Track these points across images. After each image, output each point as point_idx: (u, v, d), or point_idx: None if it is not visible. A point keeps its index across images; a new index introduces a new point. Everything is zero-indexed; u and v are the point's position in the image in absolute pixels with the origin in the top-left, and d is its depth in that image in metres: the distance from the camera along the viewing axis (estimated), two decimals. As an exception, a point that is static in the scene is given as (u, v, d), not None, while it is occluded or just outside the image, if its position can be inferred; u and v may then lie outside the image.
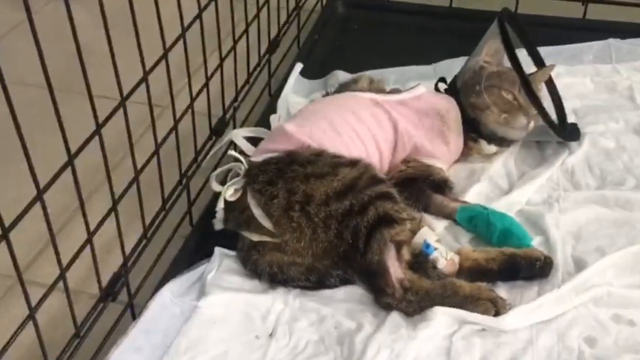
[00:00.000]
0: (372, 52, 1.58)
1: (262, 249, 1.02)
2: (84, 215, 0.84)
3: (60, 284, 0.82)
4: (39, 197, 0.72)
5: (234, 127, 1.29)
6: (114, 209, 0.89)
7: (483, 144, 1.23)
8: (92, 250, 0.86)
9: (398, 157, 1.17)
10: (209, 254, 1.05)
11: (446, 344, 0.91)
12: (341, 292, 0.99)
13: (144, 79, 0.90)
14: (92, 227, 0.86)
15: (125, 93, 0.87)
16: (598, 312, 0.95)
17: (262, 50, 1.42)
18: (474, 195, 1.16)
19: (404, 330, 0.91)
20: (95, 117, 0.80)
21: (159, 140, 1.01)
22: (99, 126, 0.81)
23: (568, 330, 0.92)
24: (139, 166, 0.96)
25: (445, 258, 1.00)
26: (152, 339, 0.93)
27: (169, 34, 0.99)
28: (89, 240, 0.85)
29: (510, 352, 0.90)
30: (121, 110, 0.86)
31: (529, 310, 0.93)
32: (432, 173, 1.16)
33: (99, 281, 0.90)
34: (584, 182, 1.18)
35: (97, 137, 0.82)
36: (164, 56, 0.95)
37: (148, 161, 0.98)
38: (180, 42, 1.01)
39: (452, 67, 1.33)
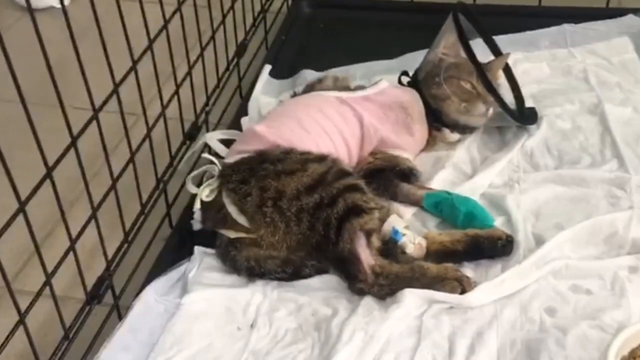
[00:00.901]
0: (338, 50, 1.64)
1: (239, 245, 1.07)
2: (65, 224, 0.88)
3: (48, 290, 0.86)
4: (22, 209, 0.77)
5: (207, 131, 1.33)
6: (93, 216, 0.94)
7: (446, 132, 1.29)
8: (75, 256, 0.90)
9: (365, 150, 1.22)
10: (189, 254, 1.10)
11: (417, 323, 0.96)
12: (317, 281, 1.04)
13: (115, 91, 0.94)
14: (74, 235, 0.91)
15: (99, 103, 0.91)
16: (557, 283, 1.01)
17: (231, 54, 1.47)
18: (439, 182, 1.22)
19: (377, 312, 0.97)
20: (69, 129, 0.85)
21: (134, 147, 1.06)
22: (74, 139, 0.85)
23: (530, 302, 0.98)
24: (116, 174, 1.00)
25: (413, 243, 1.06)
26: (139, 337, 0.97)
27: (139, 44, 1.03)
28: (71, 248, 0.90)
29: (476, 326, 0.95)
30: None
31: (493, 286, 0.99)
32: (399, 163, 1.22)
33: (84, 285, 0.94)
34: (542, 163, 1.24)
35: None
36: (132, 68, 0.99)
37: (124, 169, 1.03)
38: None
39: (415, 59, 1.38)
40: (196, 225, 1.13)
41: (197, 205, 1.10)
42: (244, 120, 1.38)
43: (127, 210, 1.06)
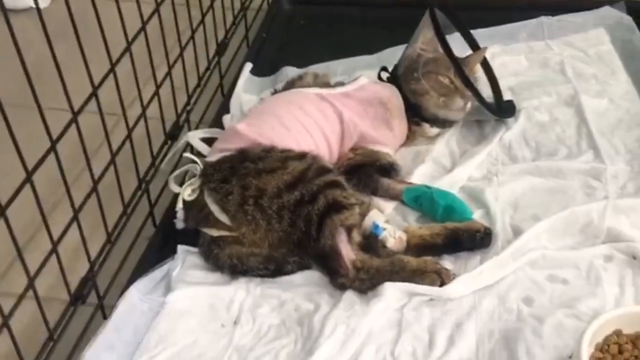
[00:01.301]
0: (319, 46, 1.65)
1: (221, 243, 1.08)
2: (47, 227, 0.89)
3: (31, 292, 0.87)
4: (2, 213, 0.77)
5: (189, 130, 1.34)
6: (75, 218, 0.94)
7: (426, 127, 1.30)
8: (58, 258, 0.91)
9: (346, 146, 1.24)
10: (172, 252, 1.11)
11: (397, 315, 0.98)
12: (299, 277, 1.06)
13: (93, 94, 0.95)
14: (57, 237, 0.92)
15: (80, 103, 0.92)
16: (534, 274, 1.03)
17: (212, 53, 1.48)
18: (419, 176, 1.23)
19: (358, 306, 0.98)
20: (49, 133, 0.86)
21: (115, 148, 1.06)
22: (53, 143, 0.86)
23: (507, 293, 1.00)
24: (98, 175, 1.01)
25: (393, 237, 1.07)
26: (124, 336, 0.98)
27: (121, 42, 1.04)
28: (54, 250, 0.91)
29: (455, 317, 0.97)
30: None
31: (471, 278, 1.01)
32: (379, 158, 1.23)
33: (67, 287, 0.95)
34: (520, 155, 1.26)
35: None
36: (111, 71, 1.00)
37: (105, 170, 1.03)
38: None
39: (394, 55, 1.40)
40: (179, 224, 1.14)
41: (180, 204, 1.11)
42: (226, 118, 1.39)
43: (110, 212, 1.07)
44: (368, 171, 1.21)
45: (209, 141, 1.26)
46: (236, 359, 0.95)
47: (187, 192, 1.11)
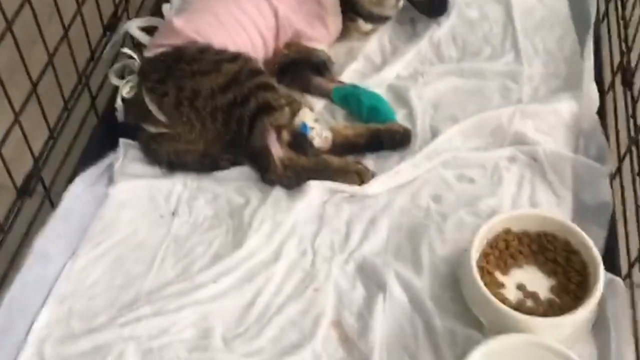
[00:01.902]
0: None
1: (160, 139, 1.15)
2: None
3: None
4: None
5: (129, 20, 1.36)
6: (17, 120, 1.00)
7: (360, 22, 1.34)
8: (1, 157, 0.98)
9: (281, 42, 1.28)
10: (115, 145, 1.18)
11: (319, 210, 1.09)
12: (232, 172, 1.15)
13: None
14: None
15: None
16: (445, 173, 1.13)
17: None
18: (350, 73, 1.30)
19: (284, 203, 1.09)
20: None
21: (52, 47, 1.10)
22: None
23: (419, 191, 1.11)
24: (36, 77, 1.05)
25: (320, 137, 1.16)
26: (70, 225, 1.08)
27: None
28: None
29: (372, 212, 1.09)
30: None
31: (388, 177, 1.12)
32: (313, 56, 1.28)
33: (12, 180, 1.03)
34: (447, 54, 1.33)
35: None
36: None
37: (43, 71, 1.07)
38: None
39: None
40: (120, 116, 1.21)
41: (119, 101, 1.17)
42: (165, 8, 1.40)
43: (53, 109, 1.12)
44: (301, 69, 1.27)
45: (149, 31, 1.29)
46: (174, 247, 1.06)
47: (125, 90, 1.16)
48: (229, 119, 1.11)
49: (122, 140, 1.19)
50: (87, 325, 0.97)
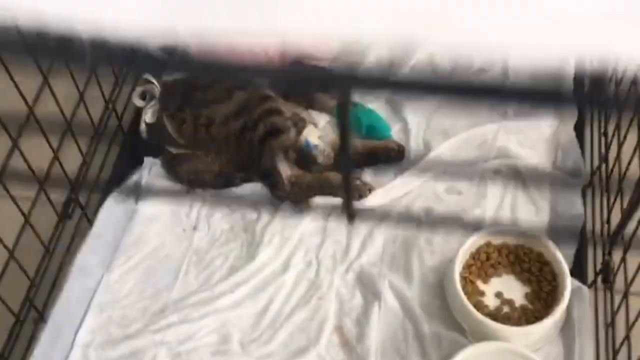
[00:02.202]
0: None
1: (180, 159, 1.29)
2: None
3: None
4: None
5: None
6: (55, 157, 1.14)
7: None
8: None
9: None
10: (139, 163, 1.32)
11: (322, 224, 1.23)
12: (245, 189, 1.28)
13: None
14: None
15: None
16: (436, 186, 1.26)
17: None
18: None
19: (291, 220, 1.23)
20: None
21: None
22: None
23: (413, 203, 1.24)
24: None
25: (323, 154, 1.29)
26: (105, 240, 1.23)
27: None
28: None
29: (369, 224, 1.22)
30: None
31: (384, 192, 1.25)
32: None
33: (54, 209, 1.17)
34: (441, 68, 1.43)
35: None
36: None
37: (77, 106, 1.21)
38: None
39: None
40: (144, 134, 1.34)
41: (142, 126, 1.30)
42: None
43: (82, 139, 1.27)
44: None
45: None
46: (195, 260, 1.21)
47: (148, 115, 1.30)
48: (241, 143, 1.25)
49: (147, 159, 1.32)
50: (124, 332, 1.13)
